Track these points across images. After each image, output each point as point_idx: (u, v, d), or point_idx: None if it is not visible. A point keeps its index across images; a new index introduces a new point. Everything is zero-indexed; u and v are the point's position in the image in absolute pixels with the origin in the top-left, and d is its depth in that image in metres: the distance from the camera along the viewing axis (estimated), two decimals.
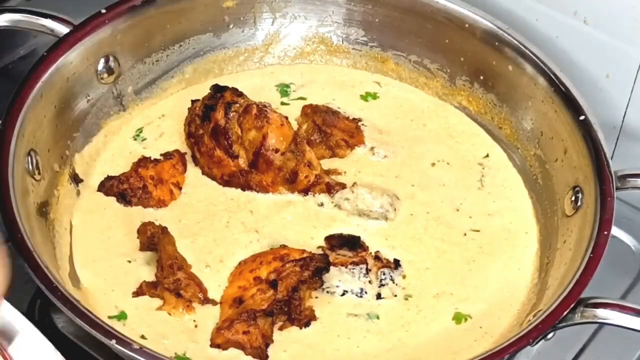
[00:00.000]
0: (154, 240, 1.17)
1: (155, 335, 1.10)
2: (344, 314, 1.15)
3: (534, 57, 1.32)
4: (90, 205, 1.24)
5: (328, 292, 1.17)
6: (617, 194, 1.16)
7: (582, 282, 1.07)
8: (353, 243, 1.21)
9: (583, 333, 1.23)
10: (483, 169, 1.34)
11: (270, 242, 1.21)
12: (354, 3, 1.44)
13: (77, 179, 1.25)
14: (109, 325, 1.00)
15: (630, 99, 1.38)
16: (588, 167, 1.20)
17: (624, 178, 1.18)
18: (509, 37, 1.34)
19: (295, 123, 1.33)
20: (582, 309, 1.06)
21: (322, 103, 1.37)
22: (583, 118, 1.24)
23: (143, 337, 1.10)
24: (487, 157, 1.36)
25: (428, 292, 1.18)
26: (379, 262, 1.19)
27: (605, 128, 1.28)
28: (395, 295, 1.17)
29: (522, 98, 1.35)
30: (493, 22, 1.36)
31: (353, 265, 1.18)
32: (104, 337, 0.98)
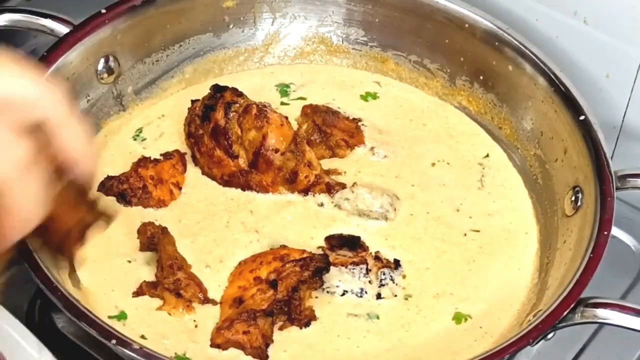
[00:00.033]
0: (154, 240, 1.17)
1: (155, 335, 1.10)
2: (344, 314, 1.15)
3: (534, 57, 1.32)
4: None
5: (328, 292, 1.16)
6: (617, 194, 1.16)
7: (582, 282, 1.07)
8: (353, 243, 1.21)
9: (583, 333, 1.23)
10: (483, 169, 1.34)
11: (270, 242, 1.21)
12: (354, 3, 1.44)
13: None
14: (109, 325, 1.00)
15: (630, 99, 1.38)
16: (588, 167, 1.20)
17: (624, 178, 1.18)
18: (509, 37, 1.34)
19: (295, 123, 1.33)
20: (582, 309, 1.05)
21: (322, 103, 1.37)
22: (583, 118, 1.24)
23: (143, 337, 1.10)
24: (487, 157, 1.36)
25: (428, 292, 1.18)
26: (379, 262, 1.19)
27: (605, 128, 1.28)
28: (395, 295, 1.17)
29: (522, 98, 1.35)
30: (493, 22, 1.36)
31: (353, 265, 1.18)
32: (104, 337, 0.98)
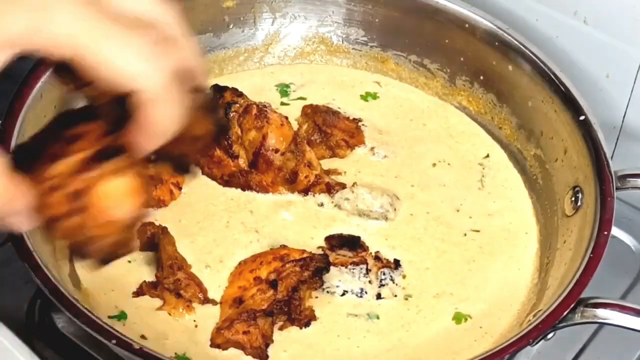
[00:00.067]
0: (154, 241, 1.17)
1: (155, 335, 1.10)
2: (344, 314, 1.15)
3: (534, 57, 1.32)
4: None
5: (328, 292, 1.16)
6: (617, 194, 1.16)
7: (582, 282, 1.07)
8: (353, 243, 1.21)
9: (583, 333, 1.23)
10: (483, 169, 1.34)
11: (270, 242, 1.21)
12: (354, 3, 1.44)
13: None
14: (109, 325, 1.00)
15: (630, 99, 1.38)
16: (588, 167, 1.20)
17: (624, 178, 1.18)
18: (509, 37, 1.34)
19: (295, 123, 1.33)
20: (582, 309, 1.05)
21: (322, 103, 1.37)
22: (583, 118, 1.24)
23: (143, 337, 1.10)
24: (487, 157, 1.36)
25: (428, 292, 1.18)
26: (379, 262, 1.19)
27: (605, 128, 1.28)
28: (395, 295, 1.17)
29: (522, 98, 1.35)
30: (493, 22, 1.36)
31: (353, 265, 1.18)
32: (104, 337, 0.98)
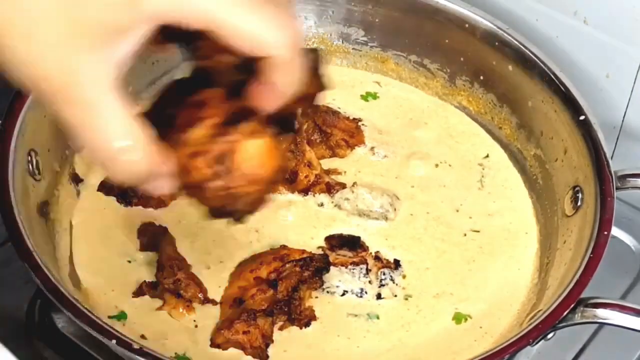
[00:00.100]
0: (154, 241, 1.17)
1: (155, 335, 1.10)
2: (344, 314, 1.15)
3: (534, 57, 1.32)
4: (90, 205, 1.24)
5: (328, 292, 1.16)
6: (617, 194, 1.16)
7: (582, 282, 1.07)
8: (353, 243, 1.21)
9: (583, 333, 1.23)
10: (483, 169, 1.34)
11: (270, 242, 1.21)
12: (354, 3, 1.44)
13: (77, 179, 1.25)
14: (109, 325, 1.00)
15: (630, 99, 1.38)
16: (588, 167, 1.19)
17: (624, 178, 1.18)
18: (509, 37, 1.34)
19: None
20: (582, 309, 1.05)
21: (322, 103, 1.37)
22: (583, 118, 1.24)
23: (143, 337, 1.10)
24: (487, 157, 1.36)
25: (428, 292, 1.18)
26: (379, 262, 1.19)
27: (605, 128, 1.28)
28: (395, 295, 1.17)
29: (522, 98, 1.34)
30: (493, 22, 1.36)
31: (353, 265, 1.18)
32: (104, 337, 0.98)
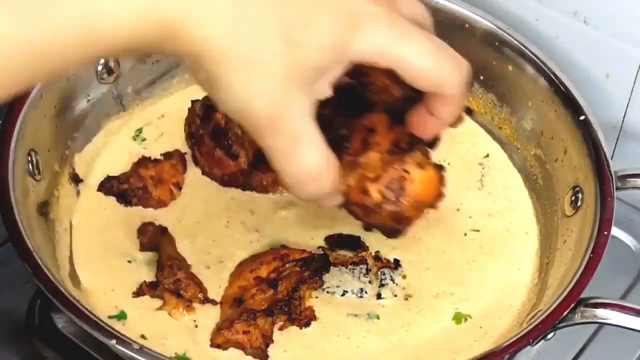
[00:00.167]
0: (154, 241, 1.17)
1: (155, 335, 1.10)
2: (344, 314, 1.15)
3: (534, 57, 1.31)
4: (90, 205, 1.24)
5: (328, 292, 1.16)
6: (617, 194, 1.16)
7: (582, 282, 1.07)
8: (353, 243, 1.21)
9: (583, 333, 1.23)
10: (483, 169, 1.34)
11: (270, 242, 1.21)
12: None
13: (77, 179, 1.25)
14: (109, 325, 1.00)
15: (630, 99, 1.38)
16: (588, 167, 1.20)
17: (624, 178, 1.18)
18: (509, 37, 1.34)
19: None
20: (582, 309, 1.05)
21: None
22: (583, 118, 1.24)
23: (143, 337, 1.10)
24: (487, 157, 1.36)
25: (428, 292, 1.18)
26: (379, 262, 1.19)
27: (605, 128, 1.28)
28: (395, 295, 1.17)
29: (522, 98, 1.34)
30: (493, 22, 1.36)
31: (353, 265, 1.18)
32: (104, 337, 0.98)
